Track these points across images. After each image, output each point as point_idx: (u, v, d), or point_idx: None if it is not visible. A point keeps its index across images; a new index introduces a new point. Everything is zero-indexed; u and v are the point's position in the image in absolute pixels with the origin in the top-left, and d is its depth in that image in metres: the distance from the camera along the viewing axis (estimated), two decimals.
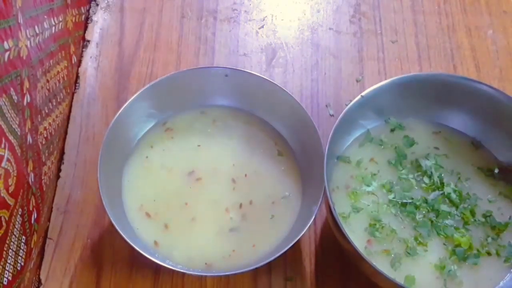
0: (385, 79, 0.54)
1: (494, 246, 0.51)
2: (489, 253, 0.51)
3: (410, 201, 0.52)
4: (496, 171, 0.55)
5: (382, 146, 0.56)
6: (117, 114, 0.53)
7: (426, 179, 0.54)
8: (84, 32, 0.69)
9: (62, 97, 0.61)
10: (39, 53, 0.51)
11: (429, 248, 0.51)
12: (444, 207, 0.52)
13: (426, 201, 0.53)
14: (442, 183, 0.54)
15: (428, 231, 0.51)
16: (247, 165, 0.57)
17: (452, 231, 0.51)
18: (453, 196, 0.53)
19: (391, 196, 0.53)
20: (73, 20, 0.64)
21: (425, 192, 0.54)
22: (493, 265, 0.51)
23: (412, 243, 0.51)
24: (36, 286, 0.54)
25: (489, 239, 0.51)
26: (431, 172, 0.54)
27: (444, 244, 0.51)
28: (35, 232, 0.51)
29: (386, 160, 0.55)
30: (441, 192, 0.53)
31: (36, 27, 0.50)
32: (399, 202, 0.52)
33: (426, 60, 0.69)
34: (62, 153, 0.61)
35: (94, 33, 0.69)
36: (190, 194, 0.55)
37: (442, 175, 0.54)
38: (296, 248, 0.56)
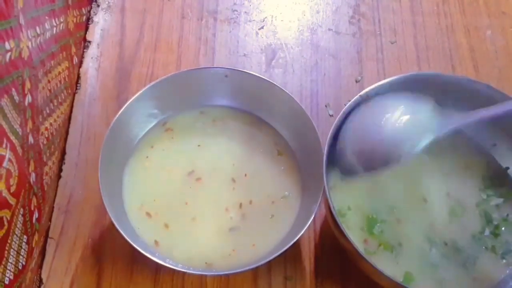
0: (384, 79, 0.54)
1: (491, 241, 0.52)
2: (486, 247, 0.51)
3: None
4: None
5: None
6: (118, 114, 0.53)
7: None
8: (85, 33, 0.69)
9: (63, 97, 0.61)
10: (40, 53, 0.51)
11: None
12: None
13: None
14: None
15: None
16: (247, 165, 0.57)
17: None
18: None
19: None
20: (74, 21, 0.64)
21: None
22: (490, 262, 0.51)
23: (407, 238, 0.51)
24: (38, 285, 0.54)
25: (487, 232, 0.52)
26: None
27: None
28: (36, 232, 0.52)
29: None
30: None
31: (37, 27, 0.50)
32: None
33: (425, 61, 0.69)
34: (63, 153, 0.61)
35: (95, 33, 0.69)
36: (190, 194, 0.55)
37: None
38: (295, 248, 0.57)
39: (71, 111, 0.64)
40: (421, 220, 0.52)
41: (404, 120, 0.48)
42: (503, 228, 0.52)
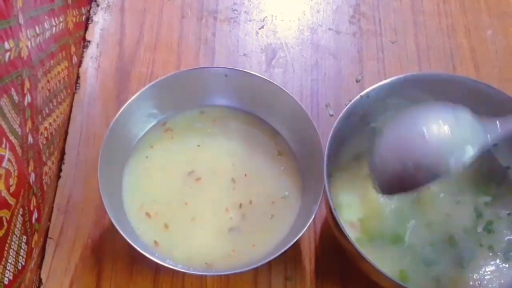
0: (385, 79, 0.54)
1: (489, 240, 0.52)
2: (481, 245, 0.51)
3: None
4: None
5: None
6: (117, 114, 0.53)
7: None
8: (85, 33, 0.69)
9: (62, 97, 0.61)
10: (39, 53, 0.51)
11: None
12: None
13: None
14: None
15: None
16: (247, 165, 0.57)
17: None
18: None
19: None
20: (74, 20, 0.64)
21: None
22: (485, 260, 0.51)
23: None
24: (37, 285, 0.54)
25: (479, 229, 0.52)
26: None
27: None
28: (36, 232, 0.52)
29: None
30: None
31: (36, 27, 0.50)
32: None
33: (425, 61, 0.69)
34: (62, 153, 0.61)
35: (94, 33, 0.69)
36: (190, 194, 0.55)
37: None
38: (296, 248, 0.57)
39: (70, 111, 0.64)
40: (415, 216, 0.53)
41: (448, 130, 0.44)
42: (496, 225, 0.52)
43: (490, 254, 0.51)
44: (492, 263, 0.51)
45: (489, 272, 0.50)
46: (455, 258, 0.51)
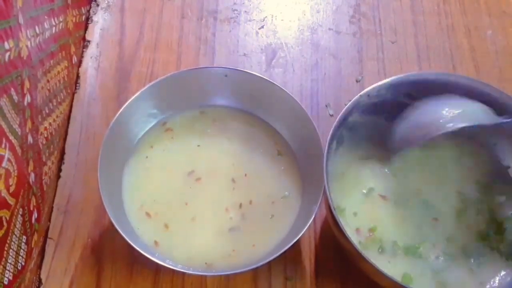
0: (385, 79, 0.54)
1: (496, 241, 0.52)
2: (491, 248, 0.51)
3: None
4: None
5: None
6: (117, 114, 0.53)
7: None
8: (85, 33, 0.69)
9: (62, 97, 0.61)
10: (39, 53, 0.51)
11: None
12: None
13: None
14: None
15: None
16: (247, 165, 0.57)
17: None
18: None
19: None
20: (74, 20, 0.64)
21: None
22: (496, 264, 0.51)
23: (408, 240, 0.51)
24: (37, 285, 0.54)
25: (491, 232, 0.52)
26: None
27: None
28: (35, 232, 0.52)
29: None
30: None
31: (36, 27, 0.50)
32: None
33: (425, 61, 0.69)
34: (62, 153, 0.61)
35: (94, 33, 0.69)
36: (190, 194, 0.55)
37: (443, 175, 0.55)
38: (296, 248, 0.57)
39: (70, 111, 0.64)
40: (423, 221, 0.53)
41: (454, 109, 0.51)
42: (506, 226, 0.52)
43: (498, 255, 0.51)
44: (498, 264, 0.51)
45: (495, 274, 0.50)
46: (466, 264, 0.51)
